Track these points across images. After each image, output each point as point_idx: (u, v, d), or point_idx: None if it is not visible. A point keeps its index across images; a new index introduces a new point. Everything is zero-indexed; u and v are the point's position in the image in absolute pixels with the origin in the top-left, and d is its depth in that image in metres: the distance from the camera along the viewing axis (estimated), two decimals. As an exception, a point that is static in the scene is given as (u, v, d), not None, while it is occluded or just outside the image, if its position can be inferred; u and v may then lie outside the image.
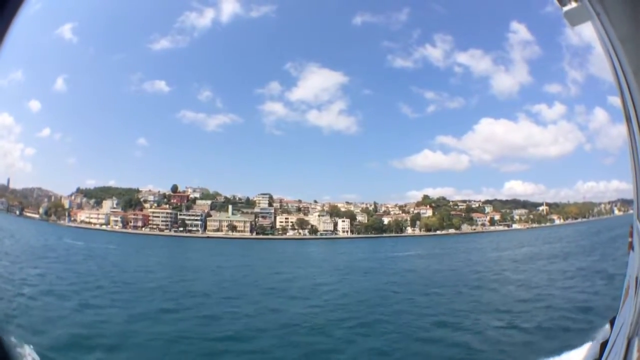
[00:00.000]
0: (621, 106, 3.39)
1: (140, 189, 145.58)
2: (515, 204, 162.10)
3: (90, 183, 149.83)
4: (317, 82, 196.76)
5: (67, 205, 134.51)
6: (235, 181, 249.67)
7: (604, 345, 4.57)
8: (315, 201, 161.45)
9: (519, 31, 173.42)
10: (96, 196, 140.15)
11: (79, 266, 47.91)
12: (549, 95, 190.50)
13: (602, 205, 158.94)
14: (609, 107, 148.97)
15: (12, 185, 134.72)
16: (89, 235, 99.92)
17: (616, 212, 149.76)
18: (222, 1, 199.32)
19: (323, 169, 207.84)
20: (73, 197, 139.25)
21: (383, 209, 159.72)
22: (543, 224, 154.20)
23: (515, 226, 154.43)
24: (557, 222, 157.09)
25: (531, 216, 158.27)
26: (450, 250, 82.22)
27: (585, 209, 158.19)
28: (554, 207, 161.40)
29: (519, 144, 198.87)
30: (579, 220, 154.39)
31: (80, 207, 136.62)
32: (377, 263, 62.30)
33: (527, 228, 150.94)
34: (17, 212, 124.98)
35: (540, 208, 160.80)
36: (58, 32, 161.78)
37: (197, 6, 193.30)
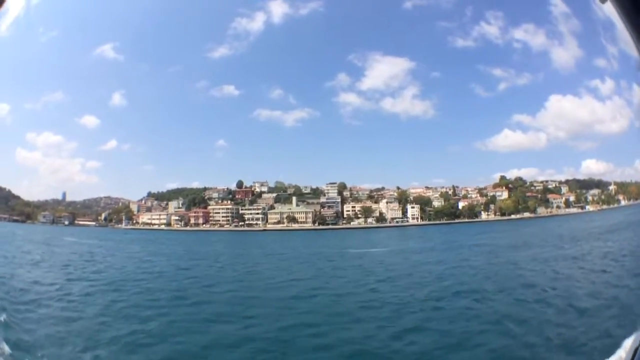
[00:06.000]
0: None
1: (206, 187, 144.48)
2: (589, 183, 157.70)
3: (171, 186, 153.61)
4: (384, 69, 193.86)
5: (135, 210, 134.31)
6: (315, 174, 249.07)
7: None
8: (398, 187, 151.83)
9: (557, 4, 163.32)
10: (168, 198, 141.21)
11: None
12: (599, 70, 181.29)
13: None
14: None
15: (70, 198, 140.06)
16: (124, 234, 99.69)
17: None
18: (269, 4, 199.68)
19: (406, 156, 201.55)
20: (143, 202, 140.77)
21: (463, 192, 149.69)
22: (611, 205, 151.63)
23: (588, 208, 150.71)
24: (623, 202, 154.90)
25: (602, 197, 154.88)
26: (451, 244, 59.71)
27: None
28: (621, 186, 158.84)
29: (586, 121, 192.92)
30: (639, 201, 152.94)
31: (149, 210, 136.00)
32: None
33: (599, 210, 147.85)
34: (66, 222, 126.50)
35: (610, 188, 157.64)
36: (97, 52, 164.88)
37: (246, 12, 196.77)
